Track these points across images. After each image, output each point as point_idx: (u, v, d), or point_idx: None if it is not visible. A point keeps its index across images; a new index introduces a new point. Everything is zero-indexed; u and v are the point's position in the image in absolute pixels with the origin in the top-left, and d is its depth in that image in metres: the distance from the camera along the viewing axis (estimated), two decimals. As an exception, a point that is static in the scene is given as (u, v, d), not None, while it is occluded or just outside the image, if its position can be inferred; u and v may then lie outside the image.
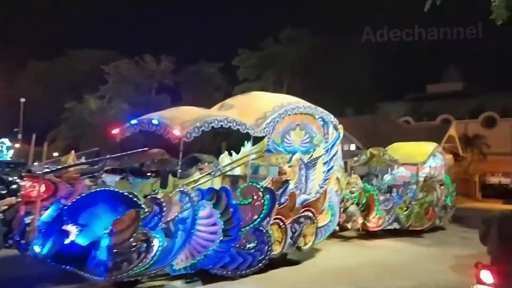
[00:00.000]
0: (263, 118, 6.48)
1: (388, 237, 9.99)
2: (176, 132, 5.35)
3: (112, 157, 5.53)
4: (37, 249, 4.69)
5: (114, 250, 4.73)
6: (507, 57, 37.62)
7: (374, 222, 9.85)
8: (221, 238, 5.43)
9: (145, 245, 4.87)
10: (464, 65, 41.63)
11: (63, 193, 4.83)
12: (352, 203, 9.65)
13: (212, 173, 7.95)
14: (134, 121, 5.97)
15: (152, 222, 4.99)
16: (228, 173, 8.39)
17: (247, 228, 5.63)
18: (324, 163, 7.61)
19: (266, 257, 5.59)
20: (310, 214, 7.02)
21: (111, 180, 6.64)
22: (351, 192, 9.60)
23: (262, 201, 5.68)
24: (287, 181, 6.60)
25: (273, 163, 8.65)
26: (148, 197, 5.09)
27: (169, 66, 37.05)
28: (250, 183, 5.92)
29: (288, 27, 34.05)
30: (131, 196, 4.73)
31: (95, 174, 5.55)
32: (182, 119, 5.60)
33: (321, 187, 7.49)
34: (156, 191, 5.49)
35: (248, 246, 5.62)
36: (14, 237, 5.00)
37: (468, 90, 39.34)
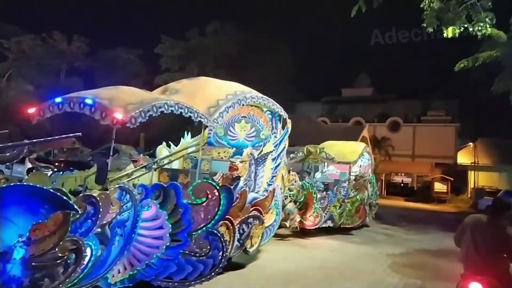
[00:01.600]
0: (216, 107, 5.68)
1: (320, 235, 9.89)
2: (118, 115, 4.33)
3: (33, 142, 4.29)
4: None
5: (32, 264, 3.61)
6: (414, 66, 41.36)
7: (311, 220, 9.65)
8: (167, 244, 4.56)
9: (73, 255, 3.82)
10: (374, 71, 44.82)
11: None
12: (290, 201, 9.33)
13: (148, 166, 6.98)
14: (59, 99, 4.78)
15: (84, 226, 3.96)
16: (166, 166, 7.48)
17: (199, 231, 4.82)
18: (273, 159, 7.07)
19: (220, 265, 4.85)
20: (258, 214, 6.43)
21: (20, 171, 5.34)
22: (289, 190, 9.26)
23: (218, 200, 4.92)
24: (238, 178, 5.91)
25: (214, 157, 7.94)
26: (80, 195, 4.02)
27: (82, 48, 33.68)
28: (204, 180, 5.11)
29: (215, 21, 33.25)
30: (58, 194, 3.63)
31: (7, 163, 4.26)
32: (125, 101, 4.58)
33: (269, 185, 6.95)
34: (85, 186, 4.42)
35: (199, 252, 4.81)
36: None
37: (377, 95, 42.50)
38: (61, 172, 5.41)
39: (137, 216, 4.49)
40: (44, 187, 3.67)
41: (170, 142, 7.91)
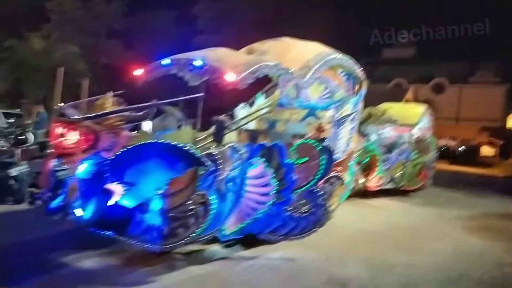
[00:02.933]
0: (307, 68, 5.74)
1: (380, 196, 10.03)
2: (231, 77, 4.50)
3: (163, 102, 4.54)
4: (79, 212, 3.77)
5: (170, 214, 3.97)
6: (459, 25, 39.14)
7: (374, 182, 9.79)
8: (272, 201, 4.84)
9: (202, 208, 4.16)
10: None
11: (105, 145, 3.87)
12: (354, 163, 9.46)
13: (229, 126, 7.21)
14: (166, 61, 4.98)
15: (207, 181, 4.26)
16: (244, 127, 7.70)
17: (301, 190, 5.07)
18: (350, 121, 7.15)
19: (321, 221, 5.12)
20: (340, 174, 6.61)
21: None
22: (354, 152, 9.36)
23: (318, 160, 5.11)
24: (324, 139, 6.05)
25: (285, 118, 8.09)
26: (204, 152, 4.29)
27: (120, 10, 33.77)
28: (306, 141, 5.29)
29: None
30: (192, 151, 3.91)
31: (141, 122, 4.57)
32: (234, 62, 4.73)
33: (347, 146, 7.07)
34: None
35: (301, 209, 5.09)
36: (42, 196, 4.00)
37: (420, 56, 40.80)
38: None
39: (245, 173, 4.76)
40: (180, 144, 3.94)
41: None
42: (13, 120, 8.43)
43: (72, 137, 3.63)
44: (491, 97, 33.54)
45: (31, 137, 6.78)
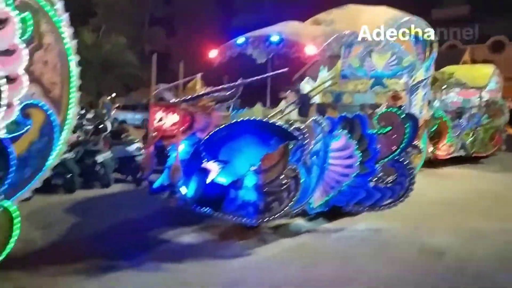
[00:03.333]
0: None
1: (450, 165, 9.66)
2: (311, 49, 4.45)
3: (247, 81, 4.63)
4: (184, 190, 3.99)
5: (265, 190, 4.09)
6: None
7: (444, 150, 9.45)
8: (356, 172, 4.81)
9: (293, 182, 4.24)
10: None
11: (200, 125, 4.03)
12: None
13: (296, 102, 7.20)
14: (241, 39, 5.01)
15: (295, 155, 4.31)
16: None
17: (385, 160, 5.00)
18: (423, 87, 6.89)
19: (407, 191, 5.04)
20: (416, 143, 6.42)
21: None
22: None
23: (403, 129, 4.99)
24: (401, 107, 5.88)
25: (350, 90, 7.93)
26: (292, 127, 4.33)
27: (160, -4, 34.32)
28: (389, 109, 5.19)
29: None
30: (284, 127, 3.97)
31: (229, 101, 4.71)
32: (311, 34, 4.68)
33: (420, 114, 6.84)
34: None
35: (386, 180, 5.04)
36: (146, 178, 4.26)
37: (475, 14, 38.00)
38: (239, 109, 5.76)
39: (327, 146, 4.76)
40: (271, 121, 4.01)
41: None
42: (82, 112, 8.92)
43: (172, 120, 3.81)
44: (559, 52, 30.75)
45: (109, 125, 7.18)
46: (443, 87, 9.74)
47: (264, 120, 4.01)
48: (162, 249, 4.40)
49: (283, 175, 4.12)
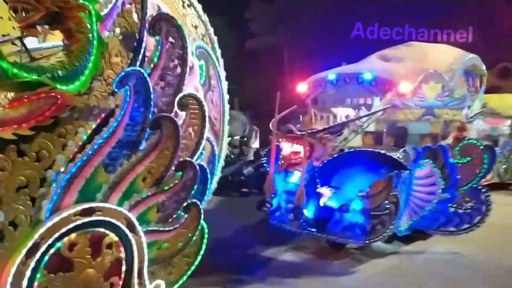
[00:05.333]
0: (451, 72, 6.20)
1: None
2: (406, 87, 5.05)
3: (354, 119, 5.20)
4: (307, 213, 4.50)
5: (372, 213, 4.60)
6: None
7: (482, 177, 10.00)
8: (438, 199, 5.34)
9: (393, 206, 4.76)
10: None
11: (317, 155, 4.56)
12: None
13: (358, 130, 7.76)
14: (332, 76, 5.61)
15: (397, 182, 4.85)
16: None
17: (465, 187, 5.55)
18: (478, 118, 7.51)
19: (484, 217, 5.58)
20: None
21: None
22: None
23: (482, 159, 5.56)
24: (464, 138, 6.47)
25: (401, 119, 8.53)
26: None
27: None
28: (470, 141, 5.77)
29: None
30: (393, 157, 4.52)
31: (339, 134, 5.27)
32: (403, 73, 5.29)
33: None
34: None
35: (465, 205, 5.58)
36: (269, 201, 4.76)
37: (480, 42, 39.35)
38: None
39: (412, 174, 5.30)
40: (382, 152, 4.56)
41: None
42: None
43: (297, 149, 4.34)
44: None
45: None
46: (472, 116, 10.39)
47: (375, 150, 4.56)
48: (272, 265, 4.88)
49: (387, 201, 4.64)
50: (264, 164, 5.48)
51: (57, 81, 2.24)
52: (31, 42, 2.71)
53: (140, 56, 2.78)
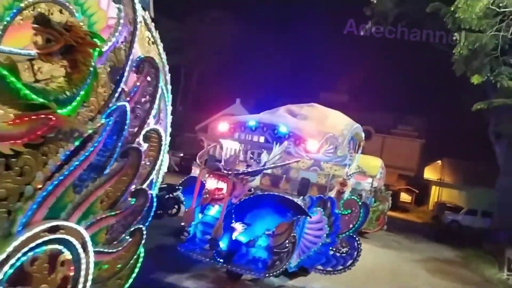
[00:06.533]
0: (342, 136, 7.51)
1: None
2: (312, 145, 6.03)
3: (271, 167, 5.85)
4: (222, 245, 4.91)
5: (274, 250, 5.29)
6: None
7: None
8: (322, 242, 6.36)
9: (291, 246, 5.54)
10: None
11: (237, 193, 5.07)
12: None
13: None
14: (253, 122, 6.34)
15: (297, 225, 5.67)
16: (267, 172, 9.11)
17: (343, 235, 6.67)
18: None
19: (355, 261, 6.73)
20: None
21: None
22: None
23: (358, 213, 6.78)
24: (344, 192, 7.80)
25: (293, 166, 9.71)
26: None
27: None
28: (352, 197, 6.95)
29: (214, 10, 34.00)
30: (299, 204, 5.33)
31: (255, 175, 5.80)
32: (309, 131, 6.27)
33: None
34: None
35: (341, 250, 6.68)
36: (186, 231, 4.98)
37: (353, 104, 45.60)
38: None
39: (306, 219, 6.25)
40: (291, 198, 5.33)
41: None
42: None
43: (221, 186, 4.82)
44: (409, 149, 38.84)
45: None
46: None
47: (285, 196, 5.33)
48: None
49: (287, 240, 5.40)
50: (179, 194, 5.80)
51: (57, 105, 2.43)
52: None
53: (119, 89, 3.06)
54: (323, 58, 42.07)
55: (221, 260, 5.20)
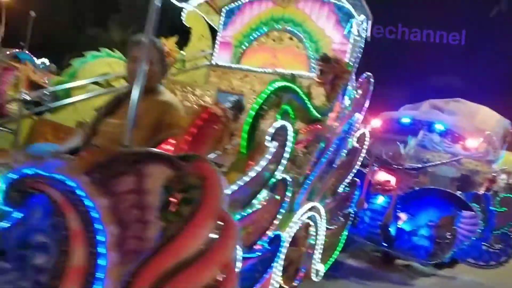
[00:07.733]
0: (495, 134, 7.59)
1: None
2: (471, 143, 6.37)
3: (433, 164, 6.50)
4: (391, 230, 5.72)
5: (436, 240, 5.85)
6: None
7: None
8: (476, 237, 6.68)
9: (452, 238, 6.04)
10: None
11: (403, 185, 5.79)
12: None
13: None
14: (407, 119, 6.85)
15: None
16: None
17: (498, 231, 6.92)
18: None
19: (509, 259, 6.95)
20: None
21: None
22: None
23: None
24: (491, 189, 7.88)
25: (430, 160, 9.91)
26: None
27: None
28: (508, 195, 7.16)
29: None
30: (463, 199, 5.82)
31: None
32: (468, 128, 6.59)
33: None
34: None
35: (495, 246, 6.95)
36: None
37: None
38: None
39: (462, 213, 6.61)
40: (456, 194, 5.83)
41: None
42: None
43: (389, 178, 5.59)
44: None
45: None
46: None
47: (451, 192, 5.85)
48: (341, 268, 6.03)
49: (450, 232, 5.91)
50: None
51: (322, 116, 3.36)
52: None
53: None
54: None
55: (385, 244, 5.92)
